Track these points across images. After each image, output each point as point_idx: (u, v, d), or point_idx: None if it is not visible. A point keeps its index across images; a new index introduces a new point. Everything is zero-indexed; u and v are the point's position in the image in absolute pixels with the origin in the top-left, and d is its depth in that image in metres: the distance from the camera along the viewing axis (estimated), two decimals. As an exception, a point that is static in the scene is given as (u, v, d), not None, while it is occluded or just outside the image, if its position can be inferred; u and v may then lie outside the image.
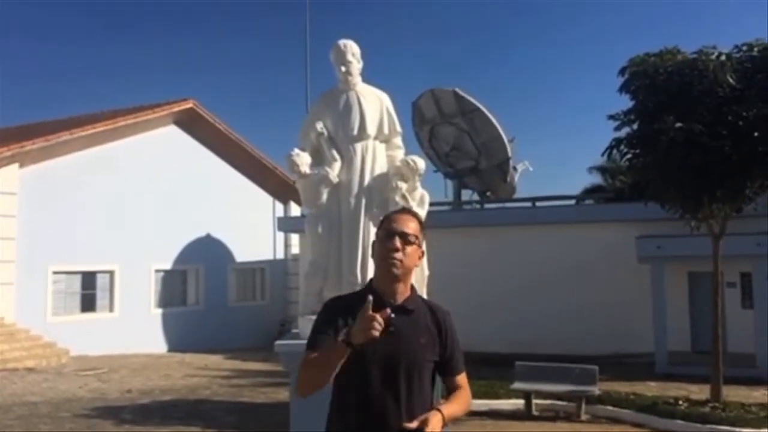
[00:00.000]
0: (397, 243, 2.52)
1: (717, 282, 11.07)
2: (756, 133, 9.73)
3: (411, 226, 2.59)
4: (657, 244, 15.71)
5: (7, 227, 17.89)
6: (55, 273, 19.01)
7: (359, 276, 6.51)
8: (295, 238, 24.12)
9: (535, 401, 10.75)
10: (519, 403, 10.85)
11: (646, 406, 10.41)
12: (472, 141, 22.67)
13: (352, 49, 7.01)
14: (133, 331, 19.85)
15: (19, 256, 18.04)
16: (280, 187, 24.53)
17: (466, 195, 25.05)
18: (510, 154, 22.92)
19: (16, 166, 18.23)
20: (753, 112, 9.70)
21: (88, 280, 19.97)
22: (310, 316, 6.52)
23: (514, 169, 23.85)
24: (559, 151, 53.47)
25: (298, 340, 6.61)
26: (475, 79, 57.57)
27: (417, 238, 2.58)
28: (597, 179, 30.35)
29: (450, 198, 24.04)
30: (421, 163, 7.06)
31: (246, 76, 57.02)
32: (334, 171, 6.88)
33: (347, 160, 6.92)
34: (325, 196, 6.86)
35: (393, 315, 2.49)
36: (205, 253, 22.54)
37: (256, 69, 56.08)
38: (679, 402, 10.39)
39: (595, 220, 18.65)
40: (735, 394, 11.34)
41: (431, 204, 7.98)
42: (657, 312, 15.67)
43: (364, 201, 6.78)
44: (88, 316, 19.73)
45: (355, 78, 7.04)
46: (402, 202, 6.80)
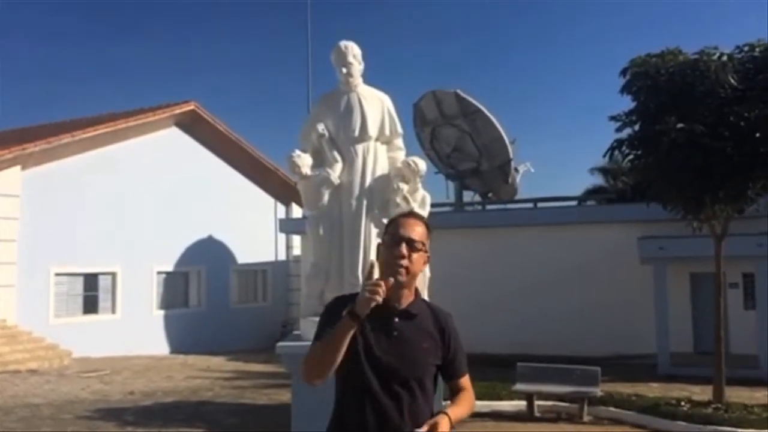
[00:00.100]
0: (403, 250, 2.50)
1: (719, 283, 11.05)
2: (758, 134, 9.70)
3: (418, 230, 2.56)
4: (659, 245, 15.70)
5: (9, 229, 17.90)
6: (57, 275, 19.03)
7: (360, 277, 6.51)
8: (296, 240, 24.12)
9: (537, 402, 10.73)
10: (521, 404, 10.83)
11: (648, 407, 10.38)
12: (474, 142, 22.65)
13: (353, 50, 7.01)
14: (136, 332, 19.87)
15: (21, 258, 18.06)
16: (281, 189, 24.53)
17: (468, 196, 25.05)
18: (511, 156, 22.90)
19: (17, 168, 18.25)
20: (755, 113, 9.68)
21: (90, 281, 19.99)
22: (311, 318, 6.53)
23: (516, 170, 23.84)
24: (561, 153, 53.50)
25: (299, 342, 6.62)
26: (477, 81, 57.69)
27: (423, 245, 2.56)
28: (599, 180, 30.40)
29: (451, 199, 24.03)
30: (422, 164, 7.06)
31: (247, 77, 57.14)
32: (336, 172, 6.87)
33: (348, 162, 6.92)
34: (326, 197, 6.86)
35: (397, 319, 2.51)
36: (207, 255, 22.56)
37: (258, 70, 56.22)
38: (682, 403, 10.35)
39: (597, 221, 18.65)
40: (737, 395, 11.31)
41: (432, 205, 7.99)
42: (659, 313, 15.65)
43: (365, 202, 6.78)
44: (91, 317, 19.75)
45: (356, 79, 7.04)
46: (403, 204, 6.80)
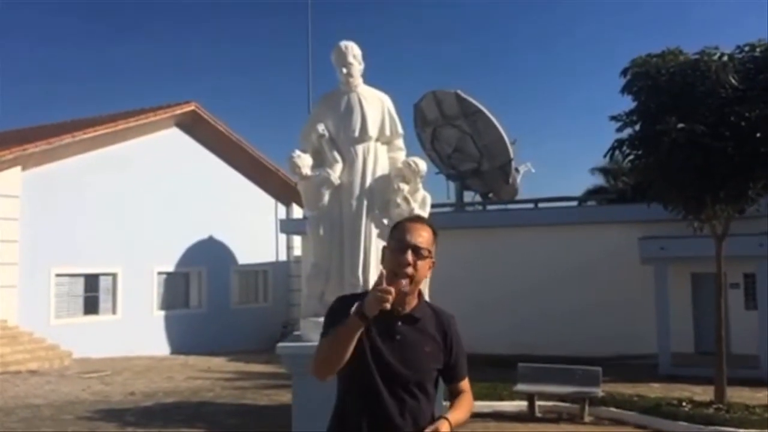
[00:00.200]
0: (409, 257, 2.46)
1: (720, 283, 11.04)
2: (758, 134, 9.70)
3: (424, 236, 2.52)
4: (660, 245, 15.68)
5: (9, 230, 17.91)
6: (57, 275, 19.03)
7: (361, 278, 6.50)
8: (297, 240, 24.11)
9: (538, 403, 10.72)
10: (522, 404, 10.82)
11: (650, 407, 10.37)
12: (474, 143, 22.64)
13: (354, 50, 7.00)
14: (136, 333, 19.87)
15: (22, 258, 18.06)
16: (282, 189, 24.52)
17: (469, 197, 25.01)
18: (512, 156, 22.88)
19: (18, 168, 18.26)
20: (755, 113, 9.67)
21: (91, 282, 19.99)
22: (312, 318, 6.52)
23: (517, 170, 23.82)
24: (562, 153, 53.47)
25: (300, 342, 6.61)
26: (478, 81, 57.62)
27: (429, 252, 2.52)
28: (599, 180, 30.35)
29: (452, 200, 24.00)
30: (422, 164, 7.04)
31: (248, 77, 57.08)
32: (336, 173, 6.86)
33: (349, 162, 6.91)
34: (326, 197, 6.85)
35: (400, 323, 2.50)
36: (208, 255, 22.55)
37: (258, 71, 56.14)
38: (683, 403, 10.34)
39: (598, 221, 18.64)
40: (739, 395, 11.30)
41: (433, 206, 7.98)
42: (660, 313, 15.63)
43: (365, 203, 6.77)
44: (91, 318, 19.76)
45: (357, 80, 7.03)
46: (403, 204, 6.79)
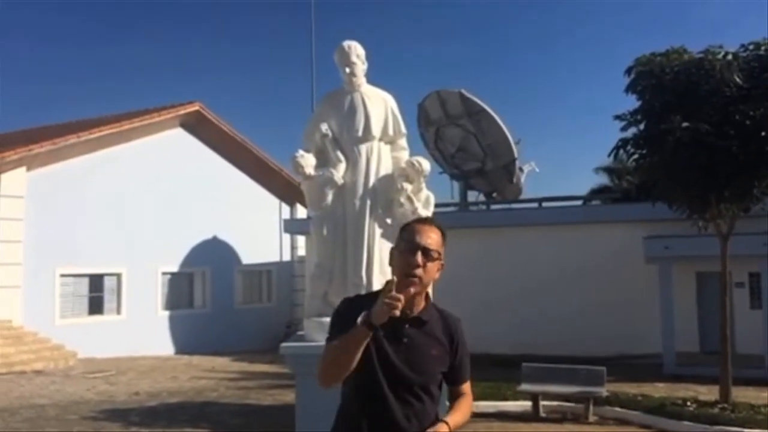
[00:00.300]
0: (418, 259, 2.45)
1: (725, 282, 10.99)
2: (763, 133, 9.65)
3: (433, 238, 2.51)
4: (664, 244, 15.63)
5: (14, 230, 17.96)
6: (62, 276, 19.08)
7: (364, 278, 6.50)
8: (301, 240, 24.10)
9: (542, 403, 10.70)
10: (526, 404, 10.80)
11: (654, 407, 10.34)
12: (478, 142, 22.62)
13: (357, 50, 6.99)
14: (141, 333, 19.90)
15: (27, 259, 18.11)
16: (286, 189, 24.51)
17: (472, 196, 24.98)
18: (516, 155, 22.86)
19: (23, 169, 18.30)
20: (760, 112, 9.64)
21: (96, 282, 20.03)
22: (315, 318, 6.52)
23: (521, 170, 23.79)
24: (566, 152, 53.38)
25: (303, 342, 6.61)
26: (481, 81, 57.56)
27: (439, 254, 2.51)
28: (604, 180, 30.26)
29: (456, 199, 24.00)
30: (426, 164, 7.04)
31: (251, 77, 57.10)
32: (339, 172, 6.86)
33: (352, 162, 6.90)
34: (330, 197, 6.84)
35: (407, 325, 2.49)
36: (212, 256, 22.57)
37: (261, 70, 56.22)
38: (688, 403, 10.32)
39: (602, 220, 18.59)
40: (744, 395, 11.26)
41: (437, 205, 7.98)
42: (665, 313, 15.58)
43: (369, 202, 6.76)
44: (96, 318, 19.80)
45: (360, 79, 7.03)
46: (407, 204, 6.79)
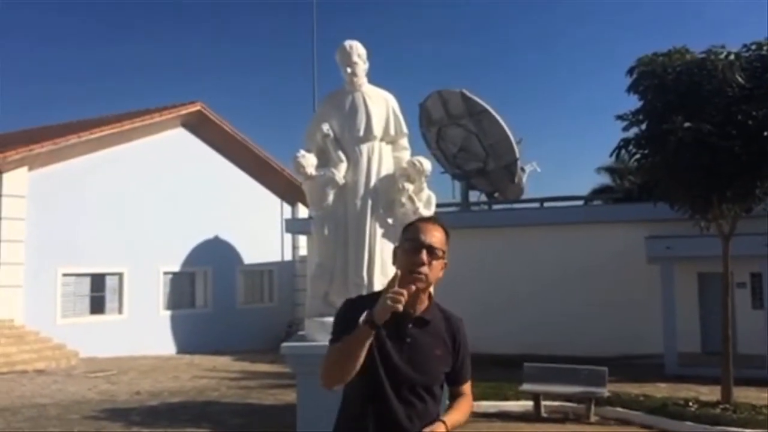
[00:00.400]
0: (423, 257, 2.45)
1: (727, 282, 10.97)
2: (765, 133, 9.63)
3: (438, 237, 2.51)
4: (666, 244, 15.61)
5: (16, 230, 17.98)
6: (64, 275, 19.09)
7: (365, 278, 6.49)
8: (303, 240, 24.10)
9: (544, 403, 10.69)
10: (528, 404, 10.79)
11: (656, 407, 10.33)
12: (480, 142, 22.60)
13: (358, 50, 6.98)
14: (142, 333, 19.91)
15: (28, 258, 18.13)
16: (287, 189, 24.53)
17: (474, 196, 24.95)
18: (518, 155, 22.84)
19: (24, 169, 18.32)
20: (762, 112, 9.62)
21: (97, 282, 20.05)
22: (316, 319, 6.51)
23: (522, 170, 23.77)
24: (567, 152, 53.37)
25: (304, 342, 6.61)
26: (482, 81, 57.57)
27: (443, 252, 2.51)
28: (605, 180, 30.23)
29: (458, 199, 23.96)
30: (427, 164, 7.03)
31: (253, 77, 57.13)
32: (340, 172, 6.85)
33: (353, 162, 6.90)
34: (331, 197, 6.84)
35: (411, 325, 2.49)
36: (213, 255, 22.58)
37: (263, 70, 56.25)
38: (689, 403, 10.30)
39: (604, 220, 18.57)
40: (745, 395, 11.25)
41: (438, 205, 7.96)
42: (666, 313, 15.57)
43: (370, 202, 6.76)
44: (98, 318, 19.81)
45: (361, 79, 7.02)
46: (408, 204, 6.78)
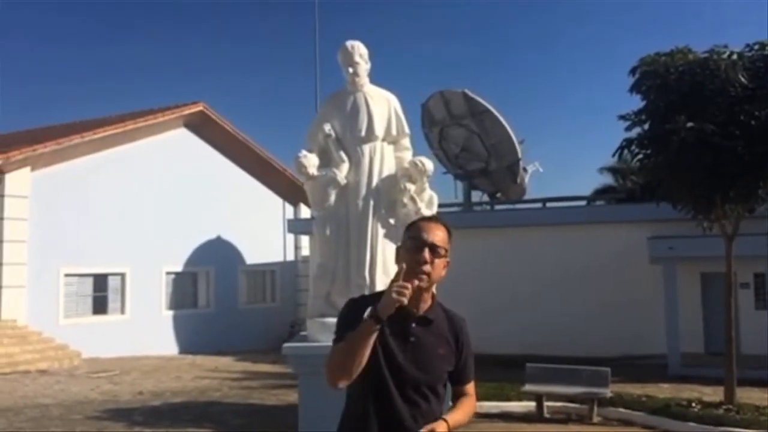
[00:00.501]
0: (426, 255, 2.45)
1: (730, 283, 10.95)
2: (769, 133, 9.63)
3: (440, 235, 2.51)
4: (669, 244, 15.59)
5: (18, 230, 17.99)
6: (66, 275, 19.10)
7: (367, 278, 6.48)
8: (305, 240, 24.13)
9: (546, 403, 10.67)
10: (530, 405, 10.77)
11: (659, 408, 10.31)
12: (482, 142, 22.59)
13: (360, 50, 6.97)
14: (145, 333, 19.93)
15: (31, 258, 18.14)
16: (289, 189, 24.54)
17: (476, 196, 24.98)
18: (520, 155, 22.83)
19: (27, 169, 18.34)
20: (765, 112, 9.60)
21: (100, 282, 20.06)
22: (318, 319, 6.50)
23: (525, 170, 23.76)
24: (570, 152, 53.36)
25: (306, 343, 6.60)
26: (482, 81, 57.61)
27: (446, 251, 2.52)
28: (608, 180, 30.24)
29: (460, 199, 23.96)
30: (429, 164, 7.01)
31: (255, 77, 57.25)
32: (342, 173, 6.84)
33: (355, 162, 6.89)
34: (332, 197, 6.83)
35: (414, 324, 2.49)
36: (216, 255, 22.59)
37: (265, 71, 56.36)
38: (692, 404, 10.28)
39: (607, 220, 18.55)
40: (749, 396, 11.21)
41: (441, 205, 7.95)
42: (669, 313, 15.54)
43: (372, 203, 6.75)
44: (100, 318, 19.82)
45: (363, 79, 7.01)
46: (410, 204, 6.77)
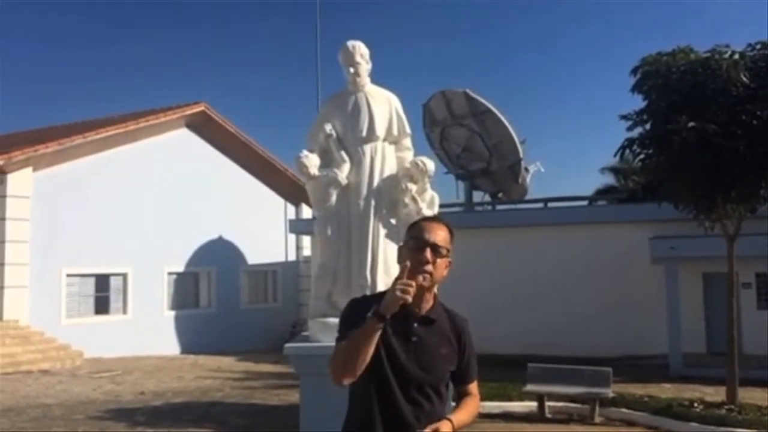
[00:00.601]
0: (428, 255, 2.46)
1: (732, 283, 10.94)
2: (770, 133, 9.62)
3: (442, 235, 2.52)
4: (671, 244, 15.57)
5: (20, 230, 18.02)
6: (68, 276, 19.14)
7: (368, 278, 6.48)
8: (306, 240, 24.14)
9: (548, 403, 10.66)
10: (532, 405, 10.77)
11: (661, 408, 10.30)
12: (484, 142, 22.57)
13: (361, 50, 6.96)
14: (146, 333, 19.95)
15: (33, 259, 18.17)
16: (291, 189, 24.55)
17: (478, 196, 24.95)
18: (521, 155, 22.80)
19: (29, 169, 18.36)
20: (767, 111, 9.59)
21: (102, 282, 20.09)
22: (320, 319, 6.50)
23: (526, 170, 23.73)
24: (571, 152, 53.31)
25: (307, 343, 6.60)
26: (483, 81, 57.59)
27: (448, 251, 2.52)
28: (609, 180, 30.21)
29: (461, 199, 23.94)
30: (430, 164, 7.00)
31: (256, 78, 57.26)
32: (343, 173, 6.83)
33: (356, 162, 6.88)
34: (334, 197, 6.82)
35: (416, 324, 2.49)
36: (217, 256, 22.61)
37: (266, 71, 56.35)
38: (694, 404, 10.27)
39: (608, 221, 18.53)
40: (751, 396, 11.20)
41: (442, 206, 7.95)
42: (671, 313, 15.53)
43: (373, 203, 6.74)
44: (102, 318, 19.86)
45: (364, 79, 7.00)
46: (411, 204, 6.77)
